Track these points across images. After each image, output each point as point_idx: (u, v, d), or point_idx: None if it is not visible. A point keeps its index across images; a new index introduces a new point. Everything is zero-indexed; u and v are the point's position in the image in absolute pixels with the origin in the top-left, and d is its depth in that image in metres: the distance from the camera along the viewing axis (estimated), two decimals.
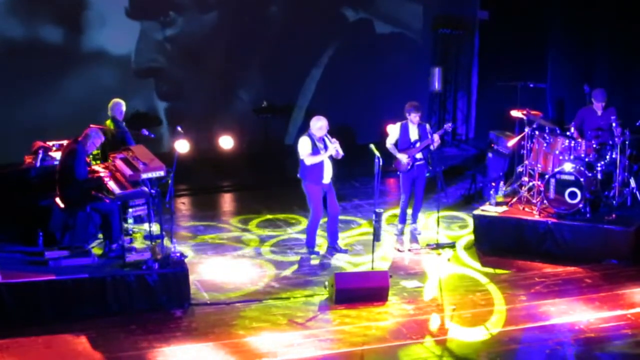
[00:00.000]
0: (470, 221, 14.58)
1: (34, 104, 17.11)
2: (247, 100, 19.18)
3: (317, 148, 13.11)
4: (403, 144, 14.10)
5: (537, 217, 13.84)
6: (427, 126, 14.19)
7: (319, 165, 13.13)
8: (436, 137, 14.00)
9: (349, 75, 19.82)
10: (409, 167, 14.06)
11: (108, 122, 14.04)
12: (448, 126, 14.62)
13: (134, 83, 18.11)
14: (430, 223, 14.85)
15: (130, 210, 12.64)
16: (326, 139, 13.16)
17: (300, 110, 19.63)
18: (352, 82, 19.84)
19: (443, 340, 10.86)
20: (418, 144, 14.01)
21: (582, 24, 17.93)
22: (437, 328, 11.20)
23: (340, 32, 19.78)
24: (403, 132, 14.08)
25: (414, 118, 14.00)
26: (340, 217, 14.16)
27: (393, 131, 14.18)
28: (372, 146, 12.63)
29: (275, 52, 19.10)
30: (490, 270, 13.11)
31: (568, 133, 14.33)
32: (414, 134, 14.07)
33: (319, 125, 13.14)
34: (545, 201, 13.93)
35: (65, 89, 17.42)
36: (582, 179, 13.62)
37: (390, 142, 14.15)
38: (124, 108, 14.21)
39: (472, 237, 14.24)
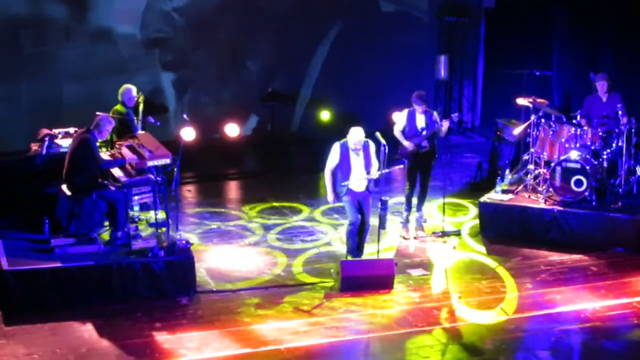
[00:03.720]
0: (473, 209, 14.61)
1: (39, 85, 17.09)
2: (253, 87, 19.15)
3: (348, 157, 12.52)
4: (410, 131, 14.08)
5: (543, 205, 13.83)
6: (435, 114, 14.16)
7: (345, 172, 12.50)
8: (445, 123, 13.94)
9: (355, 62, 19.80)
10: (414, 154, 14.03)
11: (118, 106, 13.93)
12: (455, 116, 14.54)
13: (141, 67, 18.11)
14: (436, 211, 14.84)
15: (136, 198, 12.67)
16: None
17: (306, 97, 19.62)
18: (358, 69, 19.82)
19: (449, 328, 10.87)
20: (424, 132, 13.98)
21: (588, 12, 17.89)
22: (442, 316, 11.21)
23: (346, 19, 19.75)
24: (410, 120, 14.05)
25: (418, 108, 13.98)
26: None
27: (400, 118, 14.16)
28: (377, 134, 12.59)
29: (281, 40, 19.09)
30: (496, 258, 13.12)
31: (574, 121, 14.32)
32: (420, 121, 14.04)
33: (355, 140, 12.35)
34: (551, 189, 13.92)
35: (71, 68, 17.40)
36: (588, 167, 13.60)
37: (397, 129, 14.13)
38: (134, 94, 14.10)
39: (477, 224, 14.23)
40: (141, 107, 14.26)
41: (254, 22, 18.87)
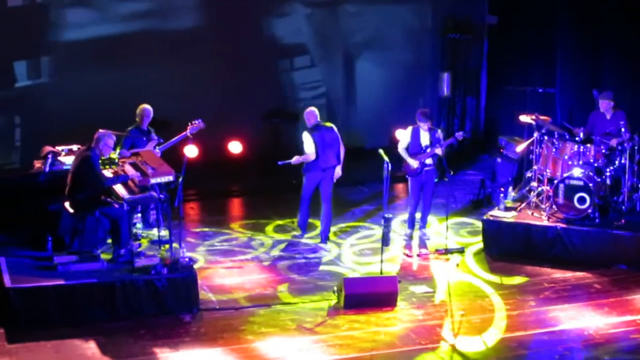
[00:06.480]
0: (477, 226, 14.60)
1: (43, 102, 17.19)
2: (256, 104, 19.15)
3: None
4: (414, 148, 14.10)
5: (546, 223, 13.83)
6: (439, 131, 14.21)
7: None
8: (439, 151, 14.00)
9: (357, 80, 19.83)
10: (417, 171, 14.06)
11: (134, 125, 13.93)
12: (459, 135, 14.44)
13: (143, 85, 18.12)
14: (439, 228, 14.83)
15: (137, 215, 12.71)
16: None
17: None
18: (361, 86, 19.85)
19: (452, 346, 10.85)
20: (429, 150, 14.00)
21: (590, 30, 17.90)
22: (446, 333, 11.19)
23: (349, 37, 19.78)
24: (414, 137, 14.08)
25: (423, 125, 14.01)
26: (350, 223, 14.73)
27: (404, 135, 14.19)
28: (381, 151, 12.64)
29: (284, 56, 19.12)
30: (499, 275, 13.10)
31: (577, 138, 14.32)
32: (425, 139, 14.07)
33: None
34: (554, 206, 13.92)
35: (73, 89, 17.45)
36: (591, 184, 13.60)
37: (402, 147, 14.16)
38: (151, 114, 14.05)
39: (480, 242, 14.22)
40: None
41: (258, 42, 18.88)
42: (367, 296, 11.79)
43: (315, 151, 14.03)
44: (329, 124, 14.32)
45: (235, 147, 17.28)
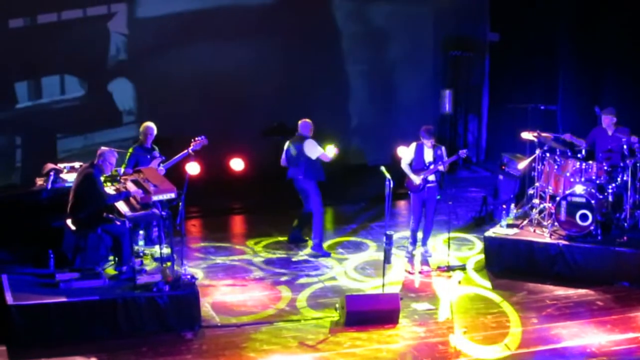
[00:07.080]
0: (479, 243, 14.59)
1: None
2: (258, 121, 19.17)
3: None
4: (417, 164, 14.10)
5: (548, 240, 13.81)
6: (443, 148, 14.20)
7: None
8: (441, 167, 14.02)
9: (359, 97, 19.84)
10: (420, 187, 14.05)
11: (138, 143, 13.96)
12: (462, 152, 14.42)
13: (146, 105, 18.16)
14: (441, 245, 14.82)
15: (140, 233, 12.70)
16: None
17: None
18: (363, 104, 19.86)
19: None
20: (432, 166, 14.00)
21: (592, 47, 17.94)
22: (448, 351, 11.17)
23: (351, 54, 19.82)
24: (418, 153, 14.08)
25: (427, 142, 14.02)
26: (351, 239, 14.53)
27: (408, 151, 14.18)
28: (382, 168, 12.63)
29: (286, 74, 19.13)
30: (501, 292, 13.08)
31: (579, 155, 14.32)
32: (428, 155, 14.07)
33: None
34: (556, 223, 13.91)
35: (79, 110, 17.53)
36: (593, 201, 13.59)
37: (405, 162, 14.17)
38: (154, 132, 14.07)
39: (482, 259, 14.20)
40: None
41: (260, 60, 18.91)
42: (369, 313, 11.77)
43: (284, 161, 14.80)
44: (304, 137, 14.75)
45: (237, 164, 17.31)
